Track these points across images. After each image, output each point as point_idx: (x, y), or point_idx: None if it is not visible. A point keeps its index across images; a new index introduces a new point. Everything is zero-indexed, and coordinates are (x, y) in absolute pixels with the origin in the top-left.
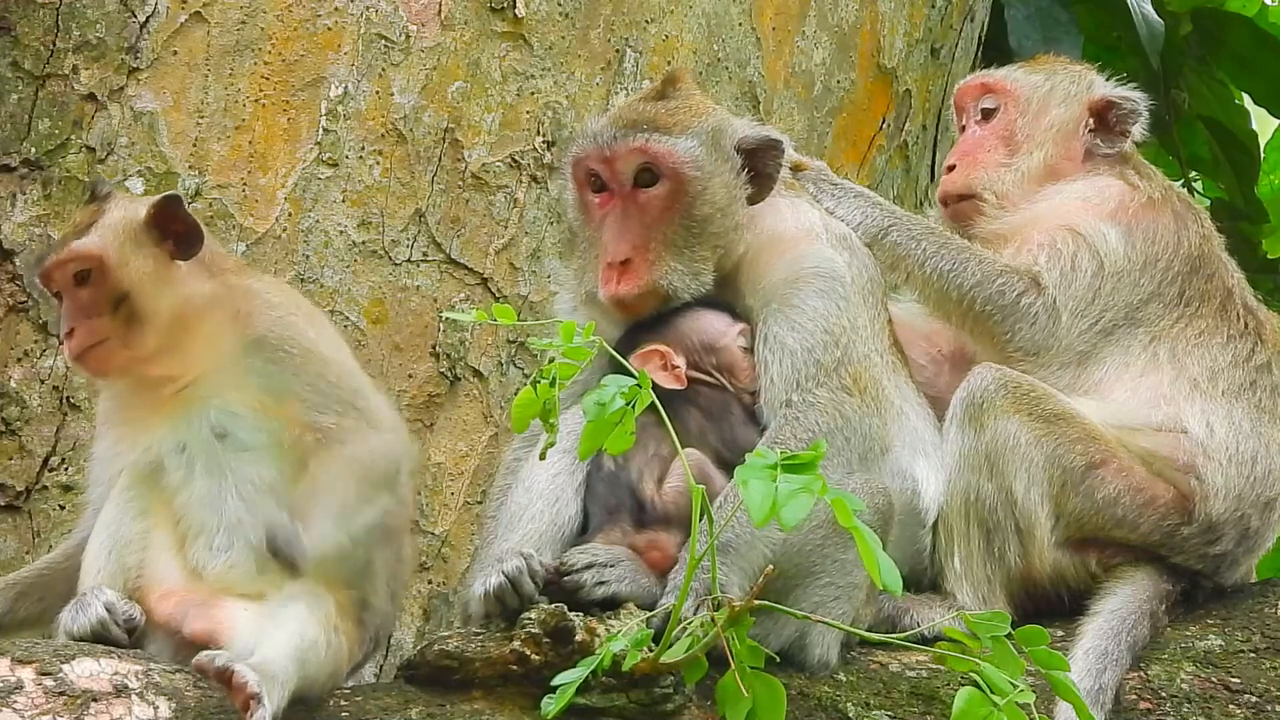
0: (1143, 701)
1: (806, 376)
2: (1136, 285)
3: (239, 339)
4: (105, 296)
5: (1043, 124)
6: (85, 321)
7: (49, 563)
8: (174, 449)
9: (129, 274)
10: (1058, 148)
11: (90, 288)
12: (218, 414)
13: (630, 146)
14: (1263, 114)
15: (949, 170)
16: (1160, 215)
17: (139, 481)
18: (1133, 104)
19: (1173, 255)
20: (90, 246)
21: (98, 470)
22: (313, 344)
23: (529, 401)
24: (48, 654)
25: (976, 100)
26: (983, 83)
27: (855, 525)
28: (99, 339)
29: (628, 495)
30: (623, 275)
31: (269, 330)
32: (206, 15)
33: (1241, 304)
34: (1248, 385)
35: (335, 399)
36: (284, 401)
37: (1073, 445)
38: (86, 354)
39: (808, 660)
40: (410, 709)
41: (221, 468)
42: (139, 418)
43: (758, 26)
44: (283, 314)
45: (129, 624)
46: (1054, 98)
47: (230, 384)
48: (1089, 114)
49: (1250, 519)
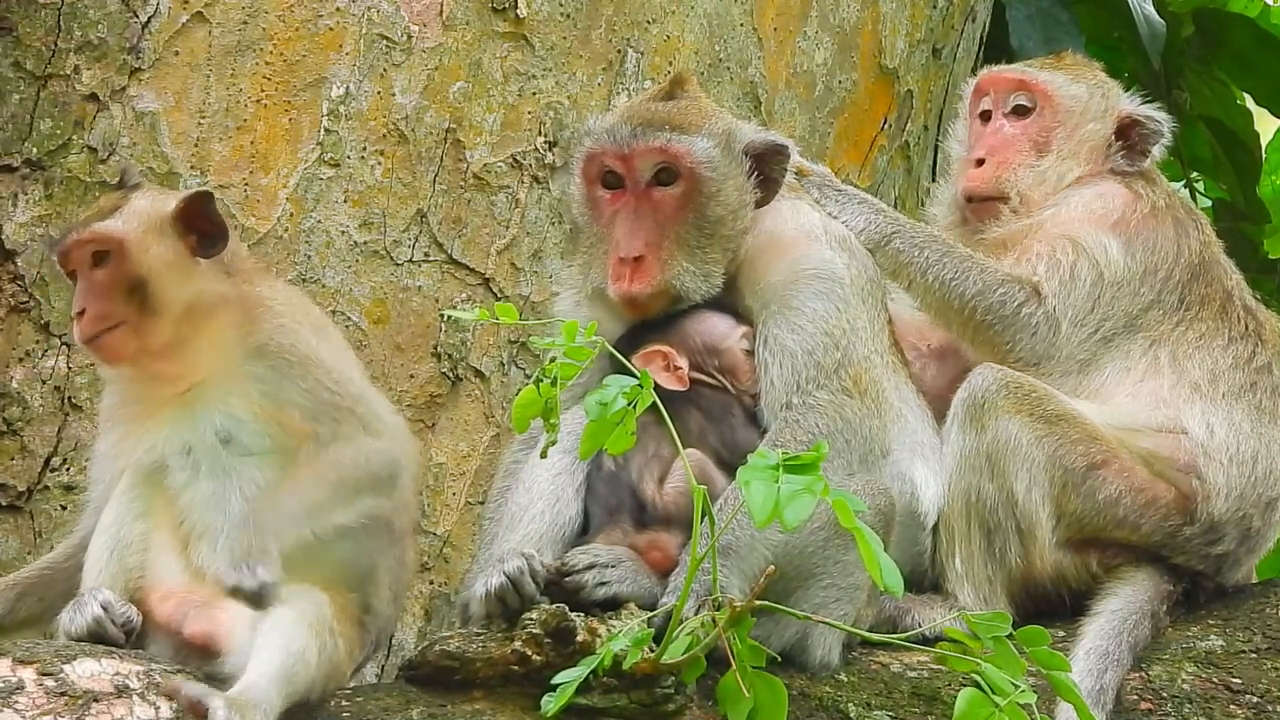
0: (1144, 702)
1: (807, 379)
2: (1136, 294)
3: (242, 345)
4: (121, 281)
5: (1077, 137)
6: (97, 304)
7: (50, 562)
8: (179, 450)
9: (148, 261)
10: (1089, 163)
11: (107, 270)
12: (221, 418)
13: (650, 145)
14: (1264, 114)
15: (978, 164)
16: (1161, 224)
17: (141, 482)
18: (1157, 124)
19: (1173, 264)
20: (112, 229)
21: (99, 469)
22: (313, 352)
23: (530, 401)
24: (49, 654)
25: (1009, 94)
26: (1021, 79)
27: (857, 526)
28: (110, 323)
29: (628, 495)
30: (635, 273)
31: (270, 338)
32: (208, 15)
33: (1241, 306)
34: (1248, 386)
35: (332, 406)
36: (282, 408)
37: (1074, 446)
38: (98, 338)
39: (809, 661)
40: (411, 709)
41: (226, 470)
42: (143, 417)
43: (759, 27)
44: (285, 322)
45: (126, 624)
46: (1090, 112)
47: (233, 389)
48: (1114, 127)
49: (1252, 519)
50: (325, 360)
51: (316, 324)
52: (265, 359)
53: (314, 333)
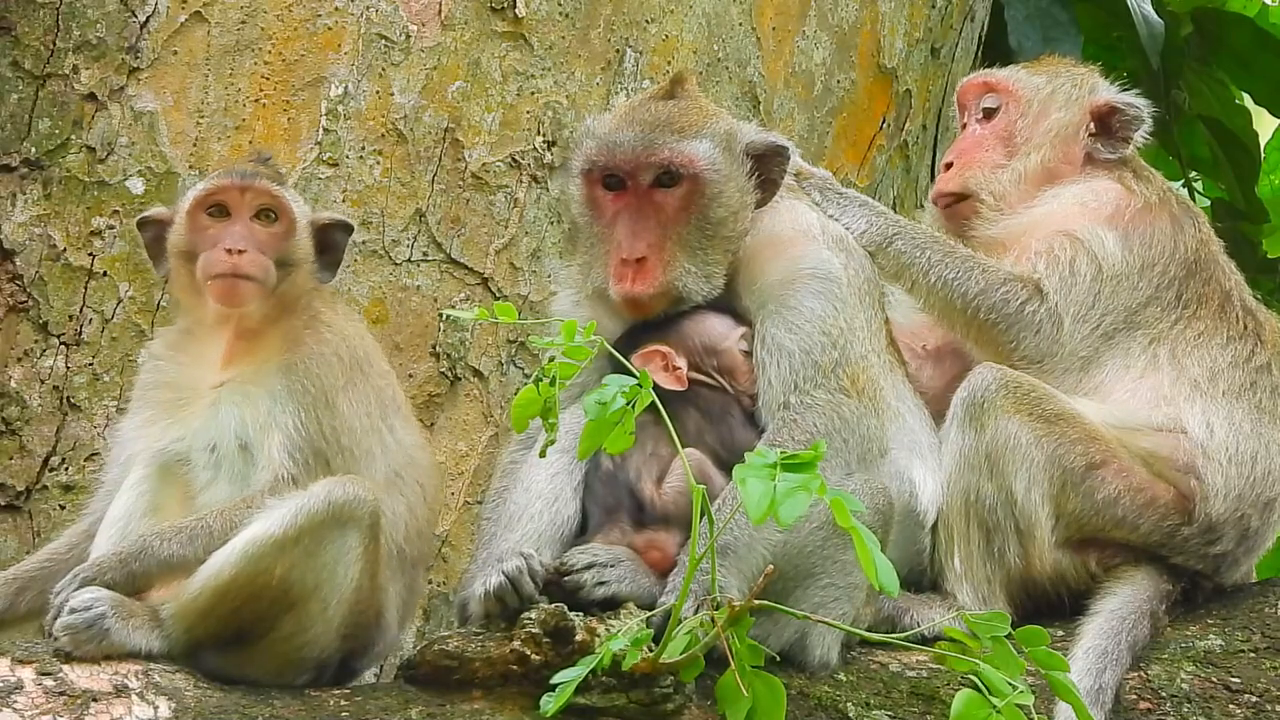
0: (1143, 701)
1: (804, 378)
2: (1135, 289)
3: (280, 356)
4: (276, 243)
5: (1042, 126)
6: (258, 254)
7: (52, 553)
8: (205, 447)
9: (294, 249)
10: (1056, 150)
11: (271, 229)
12: (238, 423)
13: (653, 146)
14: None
15: (946, 168)
16: (1157, 219)
17: (155, 475)
18: (1136, 110)
19: (1169, 259)
20: (285, 197)
21: (118, 449)
22: (331, 391)
23: (529, 400)
24: (48, 654)
25: (979, 98)
26: (985, 81)
27: (854, 526)
28: (260, 276)
29: (626, 495)
30: (637, 274)
31: (300, 361)
32: (207, 15)
33: (1240, 306)
34: (1248, 386)
35: (313, 450)
36: (269, 430)
37: (1073, 445)
38: (240, 279)
39: (808, 660)
40: (410, 709)
41: (243, 476)
42: (175, 404)
43: (758, 26)
44: (322, 350)
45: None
46: (1055, 100)
47: (254, 396)
48: (1091, 118)
49: (1250, 519)
50: (337, 403)
51: (356, 363)
52: (286, 377)
53: (346, 371)
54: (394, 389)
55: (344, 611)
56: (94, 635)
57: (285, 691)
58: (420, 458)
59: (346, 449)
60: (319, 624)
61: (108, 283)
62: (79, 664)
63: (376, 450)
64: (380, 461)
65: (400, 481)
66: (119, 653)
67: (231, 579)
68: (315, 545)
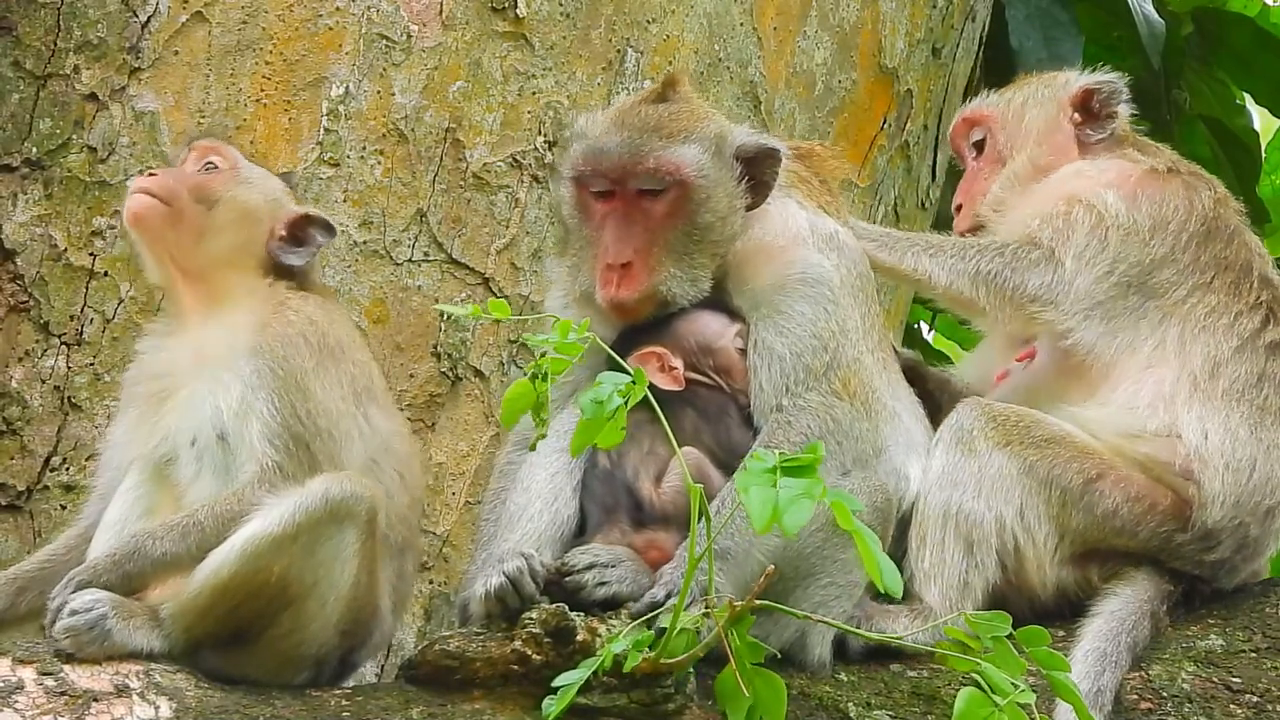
0: (1144, 701)
1: (796, 381)
2: (1147, 245)
3: (247, 340)
4: (200, 181)
5: (1021, 130)
6: (168, 180)
7: (50, 554)
8: (187, 442)
9: (232, 186)
10: (1041, 146)
11: (209, 174)
12: (213, 411)
13: (640, 153)
14: (1264, 114)
15: (956, 210)
16: (1167, 183)
17: (148, 479)
18: (1110, 84)
19: (1186, 218)
20: (223, 153)
21: (110, 454)
22: (300, 373)
23: (519, 395)
24: (49, 654)
25: (966, 136)
26: (965, 118)
27: (855, 527)
28: (163, 195)
29: (625, 494)
30: (623, 279)
31: (266, 343)
32: (208, 15)
33: (1259, 276)
34: (1253, 379)
35: (291, 435)
36: (246, 418)
37: (1068, 465)
38: (141, 194)
39: (808, 660)
40: (411, 709)
41: (227, 468)
42: (158, 398)
43: (759, 26)
44: (288, 332)
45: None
46: (1029, 103)
47: (226, 382)
48: (1071, 109)
49: (1249, 527)
50: (309, 386)
51: (325, 347)
52: (255, 360)
53: (315, 354)
54: (370, 378)
55: (342, 608)
56: (96, 636)
57: (286, 691)
58: (398, 445)
59: (325, 431)
60: (318, 621)
61: (109, 283)
62: (80, 664)
63: (354, 434)
64: (358, 446)
65: (376, 468)
66: (121, 653)
67: (230, 577)
68: (313, 543)
